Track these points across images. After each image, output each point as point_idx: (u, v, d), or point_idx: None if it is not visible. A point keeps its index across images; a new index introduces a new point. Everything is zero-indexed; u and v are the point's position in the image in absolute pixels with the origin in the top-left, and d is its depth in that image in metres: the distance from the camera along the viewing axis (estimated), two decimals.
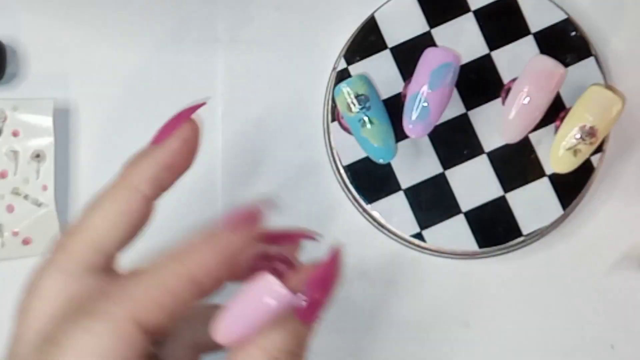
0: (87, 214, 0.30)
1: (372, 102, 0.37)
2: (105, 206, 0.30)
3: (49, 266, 0.29)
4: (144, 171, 0.32)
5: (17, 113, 0.40)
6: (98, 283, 0.28)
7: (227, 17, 0.42)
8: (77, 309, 0.27)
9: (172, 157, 0.32)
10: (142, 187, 0.31)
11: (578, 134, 0.36)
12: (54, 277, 0.29)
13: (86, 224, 0.29)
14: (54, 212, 0.40)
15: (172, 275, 0.27)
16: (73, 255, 0.29)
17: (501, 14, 0.39)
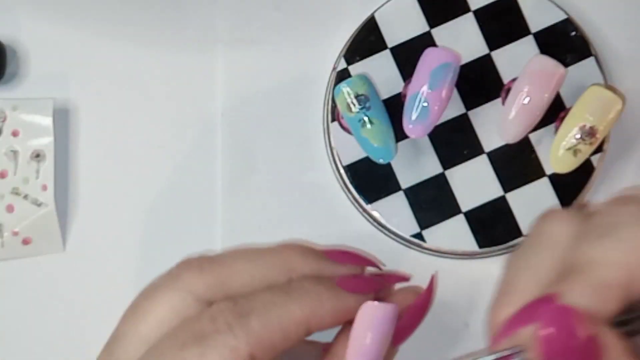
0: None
1: (372, 102, 0.37)
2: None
3: (175, 281, 0.29)
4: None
5: (17, 113, 0.40)
6: (223, 312, 0.28)
7: (227, 16, 0.42)
8: (199, 338, 0.27)
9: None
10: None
11: (578, 134, 0.36)
12: (179, 293, 0.29)
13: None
14: (53, 212, 0.40)
15: (293, 323, 0.28)
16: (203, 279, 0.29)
17: (501, 14, 0.39)
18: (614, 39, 0.41)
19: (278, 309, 0.28)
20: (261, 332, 0.27)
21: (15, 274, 0.41)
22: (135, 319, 0.29)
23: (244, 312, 0.28)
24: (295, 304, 0.28)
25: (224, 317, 0.27)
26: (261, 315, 0.28)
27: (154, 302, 0.29)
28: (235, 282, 0.29)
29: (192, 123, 0.42)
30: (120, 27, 0.42)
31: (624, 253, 0.24)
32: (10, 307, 0.41)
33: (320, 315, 0.29)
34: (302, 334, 0.29)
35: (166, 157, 0.42)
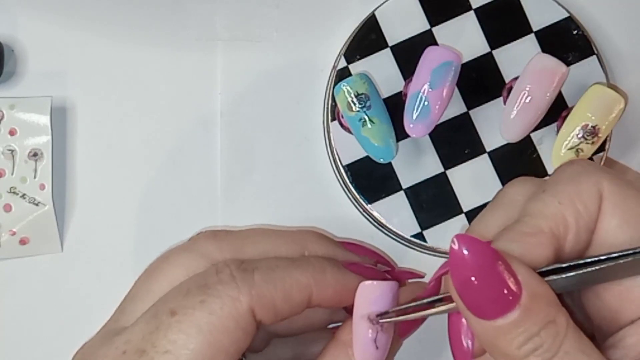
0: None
1: (373, 101, 0.37)
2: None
3: (189, 246, 0.31)
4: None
5: (14, 112, 0.40)
6: (228, 266, 0.29)
7: (227, 15, 0.42)
8: (202, 286, 0.28)
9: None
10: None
11: (580, 133, 0.36)
12: (192, 255, 0.30)
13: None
14: (51, 211, 0.40)
15: (296, 286, 0.29)
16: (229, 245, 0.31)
17: (502, 13, 0.39)
18: (617, 38, 0.41)
19: (281, 270, 0.29)
20: (263, 288, 0.28)
21: (12, 274, 0.41)
22: (149, 280, 0.30)
23: (248, 268, 0.29)
24: (298, 270, 0.29)
25: (229, 270, 0.28)
26: (265, 273, 0.28)
27: (168, 264, 0.30)
28: (248, 252, 0.30)
29: (191, 122, 0.41)
30: (118, 25, 0.42)
31: (554, 206, 0.26)
32: (7, 307, 0.41)
33: (322, 286, 0.29)
34: (303, 301, 0.29)
35: (165, 157, 0.41)
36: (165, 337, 0.27)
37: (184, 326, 0.27)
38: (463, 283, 0.24)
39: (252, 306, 0.28)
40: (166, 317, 0.27)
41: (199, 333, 0.27)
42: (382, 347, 0.30)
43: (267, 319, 0.28)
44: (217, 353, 0.27)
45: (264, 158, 0.41)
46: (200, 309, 0.27)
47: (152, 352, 0.27)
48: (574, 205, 0.26)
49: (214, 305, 0.27)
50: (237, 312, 0.27)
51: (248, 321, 0.28)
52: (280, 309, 0.28)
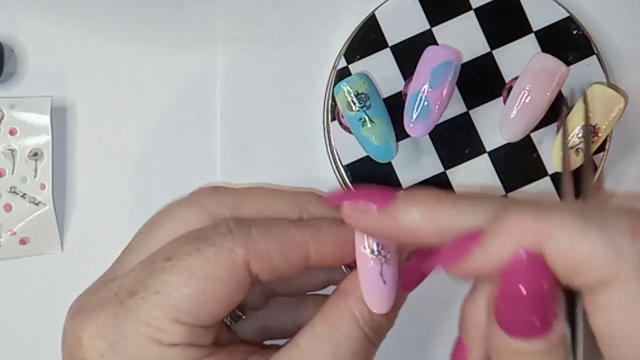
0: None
1: (373, 101, 0.37)
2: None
3: (189, 199, 0.31)
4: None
5: (15, 111, 0.40)
6: (226, 221, 0.29)
7: (226, 14, 0.42)
8: (199, 236, 0.28)
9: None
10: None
11: (580, 133, 0.36)
12: (192, 209, 0.30)
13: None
14: (52, 211, 0.40)
15: (292, 243, 0.29)
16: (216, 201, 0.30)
17: (502, 12, 0.39)
18: (617, 38, 0.41)
19: (278, 227, 0.29)
20: (259, 241, 0.28)
21: (12, 274, 0.41)
22: (149, 233, 0.30)
23: (246, 223, 0.29)
24: (295, 227, 0.29)
25: (226, 224, 0.29)
26: (261, 228, 0.29)
27: (168, 217, 0.30)
28: (248, 208, 0.30)
29: (191, 122, 0.41)
30: (118, 25, 0.42)
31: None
32: (7, 306, 0.41)
33: (320, 244, 0.29)
34: (301, 259, 0.29)
35: (165, 157, 0.41)
36: (157, 279, 0.27)
37: (177, 270, 0.27)
38: (510, 292, 0.23)
39: (248, 259, 0.28)
40: (161, 262, 0.28)
41: (192, 278, 0.27)
42: (390, 281, 0.29)
43: (263, 275, 0.28)
44: (208, 300, 0.27)
45: (264, 158, 0.41)
46: (195, 255, 0.27)
47: (144, 292, 0.27)
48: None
49: (209, 253, 0.27)
50: (232, 262, 0.27)
51: (242, 274, 0.28)
52: (277, 265, 0.28)
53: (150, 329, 0.27)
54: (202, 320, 0.27)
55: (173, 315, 0.27)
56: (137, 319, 0.27)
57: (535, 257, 0.22)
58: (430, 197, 0.25)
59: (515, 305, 0.22)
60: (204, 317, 0.27)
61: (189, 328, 0.27)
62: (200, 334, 0.28)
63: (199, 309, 0.27)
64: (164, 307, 0.27)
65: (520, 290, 0.22)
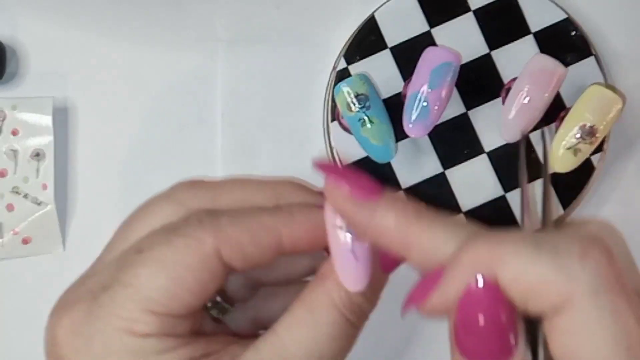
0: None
1: (372, 102, 0.37)
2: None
3: (166, 194, 0.31)
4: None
5: (17, 112, 0.40)
6: (198, 213, 0.29)
7: (227, 16, 0.42)
8: (171, 229, 0.28)
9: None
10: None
11: (578, 134, 0.36)
12: (168, 203, 0.30)
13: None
14: (54, 211, 0.40)
15: (262, 228, 0.28)
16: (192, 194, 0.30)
17: (501, 14, 0.39)
18: (614, 39, 0.41)
19: (248, 214, 0.29)
20: (229, 229, 0.28)
21: (14, 274, 0.41)
22: (127, 228, 0.30)
23: (216, 213, 0.29)
24: (266, 214, 0.29)
25: (197, 215, 0.29)
26: (231, 217, 0.28)
27: (145, 212, 0.30)
28: (224, 199, 0.30)
29: (192, 123, 0.42)
30: (119, 26, 0.42)
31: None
32: (9, 306, 0.41)
33: (291, 228, 0.29)
34: (273, 245, 0.29)
35: (166, 157, 0.42)
36: (128, 272, 0.27)
37: (147, 261, 0.27)
38: (467, 321, 0.23)
39: (218, 247, 0.28)
40: (132, 255, 0.28)
41: (162, 268, 0.27)
42: (362, 258, 0.28)
43: (236, 262, 0.28)
44: (180, 290, 0.27)
45: (265, 158, 0.41)
46: (165, 246, 0.27)
47: (116, 285, 0.27)
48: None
49: (179, 243, 0.27)
50: (203, 251, 0.27)
51: (214, 262, 0.28)
52: (249, 251, 0.28)
53: (123, 321, 0.27)
54: (175, 309, 0.27)
55: (145, 306, 0.27)
56: (109, 312, 0.27)
57: (490, 284, 0.23)
58: (412, 210, 0.26)
59: (473, 333, 0.23)
60: (177, 307, 0.27)
61: (162, 318, 0.27)
62: (174, 323, 0.28)
63: (171, 298, 0.27)
64: (136, 298, 0.27)
65: (477, 319, 0.23)
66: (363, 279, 0.28)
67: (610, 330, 0.22)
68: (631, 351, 0.22)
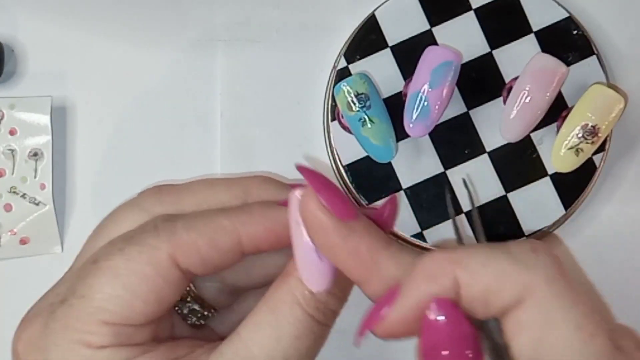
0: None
1: (373, 101, 0.37)
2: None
3: (133, 201, 0.31)
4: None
5: (15, 111, 0.40)
6: (155, 219, 0.29)
7: (226, 15, 0.42)
8: (127, 237, 0.28)
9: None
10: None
11: (580, 133, 0.36)
12: (133, 210, 0.30)
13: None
14: (52, 211, 0.40)
15: (219, 231, 0.28)
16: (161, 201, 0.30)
17: (502, 13, 0.39)
18: (616, 38, 0.41)
19: (205, 217, 0.28)
20: (184, 234, 0.28)
21: (12, 274, 0.41)
22: (94, 237, 0.30)
23: (173, 218, 0.28)
24: (223, 215, 0.28)
25: (154, 221, 0.28)
26: (187, 221, 0.28)
27: (111, 220, 0.30)
28: (189, 202, 0.30)
29: (191, 123, 0.41)
30: (118, 25, 0.42)
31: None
32: (7, 307, 0.41)
33: (250, 228, 0.28)
34: (232, 246, 0.28)
35: (165, 157, 0.41)
36: (83, 283, 0.27)
37: (100, 272, 0.27)
38: (431, 352, 0.24)
39: (173, 254, 0.27)
40: (88, 266, 0.28)
41: (115, 278, 0.27)
42: (326, 257, 0.27)
43: (195, 268, 0.28)
44: (134, 299, 0.27)
45: (264, 158, 0.41)
46: (118, 255, 0.27)
47: (72, 298, 0.27)
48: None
49: (132, 252, 0.27)
50: (156, 259, 0.27)
51: (169, 269, 0.27)
52: (207, 256, 0.28)
53: (78, 333, 0.27)
54: (131, 319, 0.27)
55: (99, 318, 0.27)
56: (65, 325, 0.27)
57: (448, 304, 0.24)
58: (383, 237, 0.26)
59: (439, 357, 0.24)
60: (132, 316, 0.27)
61: (117, 328, 0.27)
62: (131, 333, 0.27)
63: (126, 308, 0.27)
64: (89, 310, 0.27)
65: (441, 347, 0.24)
66: (327, 279, 0.27)
67: (572, 315, 0.23)
68: (595, 338, 0.23)
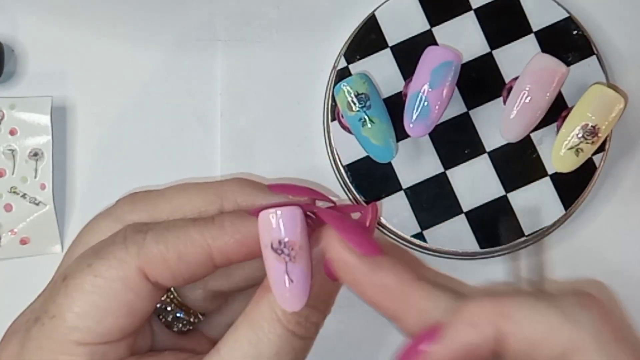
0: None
1: (373, 101, 0.37)
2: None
3: (109, 210, 0.30)
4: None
5: (15, 111, 0.40)
6: (125, 229, 0.28)
7: (227, 15, 0.42)
8: (96, 250, 0.28)
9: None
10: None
11: (580, 133, 0.36)
12: (107, 220, 0.30)
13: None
14: (52, 211, 0.40)
15: (189, 244, 0.28)
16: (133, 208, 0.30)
17: (502, 13, 0.39)
18: (616, 38, 0.41)
19: (176, 230, 0.28)
20: (152, 248, 0.27)
21: (13, 274, 0.41)
22: (72, 248, 0.30)
23: (143, 229, 0.28)
24: (195, 228, 0.28)
25: (124, 232, 0.28)
26: (157, 234, 0.28)
27: (87, 231, 0.30)
28: (163, 211, 0.29)
29: (191, 123, 0.41)
30: (118, 25, 0.42)
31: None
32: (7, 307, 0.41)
33: (222, 242, 0.28)
34: (203, 260, 0.28)
35: (165, 157, 0.41)
36: (54, 302, 0.27)
37: (69, 290, 0.27)
38: None
39: (141, 267, 0.27)
40: (59, 283, 0.28)
41: (83, 295, 0.26)
42: (298, 279, 0.27)
43: (164, 280, 0.28)
44: (105, 316, 0.27)
45: (264, 158, 0.41)
46: (86, 271, 0.27)
47: (44, 317, 0.27)
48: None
49: (100, 267, 0.27)
50: (124, 273, 0.27)
51: (139, 283, 0.27)
52: (177, 269, 0.27)
53: (51, 354, 0.26)
54: (104, 336, 0.27)
55: (71, 338, 0.26)
56: (39, 346, 0.27)
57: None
58: (411, 271, 0.26)
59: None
60: (105, 333, 0.27)
61: (90, 348, 0.27)
62: (106, 350, 0.27)
63: (98, 326, 0.27)
64: (61, 330, 0.26)
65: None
66: (300, 300, 0.27)
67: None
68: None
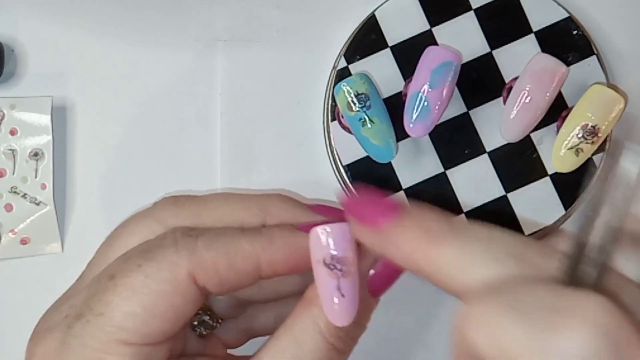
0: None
1: (373, 101, 0.37)
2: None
3: (148, 212, 0.30)
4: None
5: (15, 111, 0.40)
6: (174, 232, 0.28)
7: (227, 15, 0.42)
8: (144, 251, 0.28)
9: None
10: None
11: (580, 133, 0.36)
12: (148, 221, 0.30)
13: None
14: (52, 211, 0.40)
15: (240, 254, 0.28)
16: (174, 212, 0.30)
17: (502, 13, 0.39)
18: (616, 38, 0.41)
19: (227, 238, 0.28)
20: (204, 253, 0.27)
21: (13, 274, 0.41)
22: (107, 247, 0.30)
23: (193, 234, 0.28)
24: (245, 239, 0.28)
25: (174, 234, 0.28)
26: (208, 240, 0.28)
27: (125, 230, 0.30)
28: (207, 218, 0.30)
29: (191, 123, 0.41)
30: (118, 26, 0.42)
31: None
32: (7, 307, 0.41)
33: (271, 254, 0.28)
34: (251, 270, 0.28)
35: (165, 157, 0.41)
36: (100, 300, 0.27)
37: (119, 289, 0.27)
38: None
39: (192, 271, 0.27)
40: (105, 281, 0.27)
41: (133, 295, 0.26)
42: (349, 294, 0.27)
43: (211, 287, 0.28)
44: (153, 317, 0.27)
45: (264, 158, 0.41)
46: (137, 272, 0.27)
47: (89, 315, 0.27)
48: None
49: (150, 268, 0.27)
50: (175, 276, 0.27)
51: (188, 287, 0.27)
52: (225, 277, 0.28)
53: (96, 352, 0.26)
54: (149, 337, 0.27)
55: (118, 337, 0.26)
56: (83, 343, 0.27)
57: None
58: (444, 219, 0.25)
59: None
60: (150, 335, 0.27)
61: (135, 348, 0.27)
62: (149, 352, 0.27)
63: (144, 327, 0.27)
64: (108, 329, 0.26)
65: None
66: (350, 314, 0.28)
67: None
68: None
